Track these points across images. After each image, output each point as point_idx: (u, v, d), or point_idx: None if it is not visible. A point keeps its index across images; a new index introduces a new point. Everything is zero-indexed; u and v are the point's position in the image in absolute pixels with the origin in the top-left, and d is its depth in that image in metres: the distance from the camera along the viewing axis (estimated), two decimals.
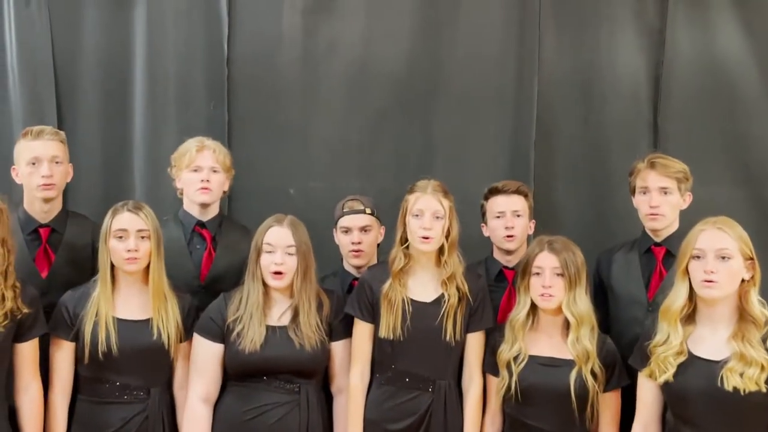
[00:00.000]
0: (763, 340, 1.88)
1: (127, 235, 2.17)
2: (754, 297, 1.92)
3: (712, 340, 1.93)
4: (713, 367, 1.89)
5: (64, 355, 2.18)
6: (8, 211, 2.11)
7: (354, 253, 2.48)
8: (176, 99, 3.00)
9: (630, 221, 2.63)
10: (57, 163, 2.40)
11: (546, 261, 2.13)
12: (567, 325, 2.16)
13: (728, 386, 1.85)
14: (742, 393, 1.84)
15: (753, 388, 1.84)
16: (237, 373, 2.20)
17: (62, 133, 2.49)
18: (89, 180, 2.94)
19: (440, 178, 2.35)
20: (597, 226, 2.92)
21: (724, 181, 2.93)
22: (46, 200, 2.41)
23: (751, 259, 1.93)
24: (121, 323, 2.17)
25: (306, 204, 2.90)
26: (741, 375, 1.85)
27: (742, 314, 1.93)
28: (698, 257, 1.93)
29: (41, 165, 2.36)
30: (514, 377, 2.12)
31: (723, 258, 1.90)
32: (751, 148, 2.97)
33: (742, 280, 1.93)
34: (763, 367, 1.85)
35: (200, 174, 2.48)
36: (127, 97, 3.00)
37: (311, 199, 2.94)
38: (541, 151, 2.98)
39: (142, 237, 2.19)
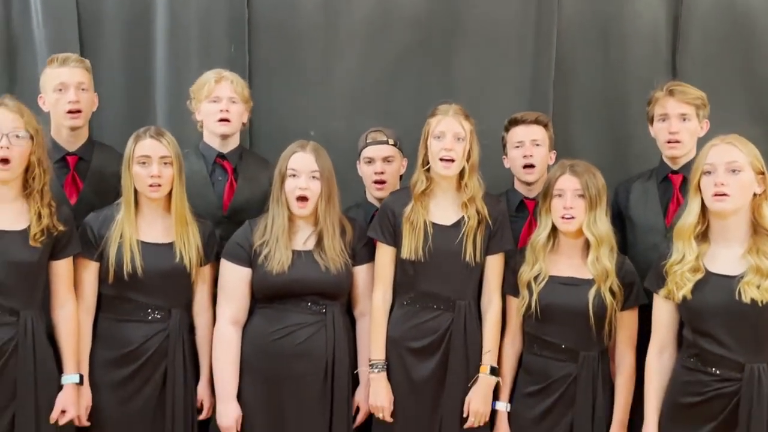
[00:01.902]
0: None
1: (150, 162, 2.22)
2: (767, 210, 1.94)
3: (727, 257, 1.97)
4: (730, 282, 1.93)
5: (88, 274, 2.25)
6: (44, 133, 2.16)
7: (377, 185, 2.53)
8: (198, 41, 3.03)
9: (647, 161, 2.68)
10: (83, 89, 2.45)
11: (567, 183, 2.17)
12: (586, 247, 2.20)
13: (746, 299, 1.89)
14: (760, 304, 1.88)
15: None
16: (265, 296, 2.26)
17: (87, 61, 2.54)
18: (112, 120, 2.98)
19: None
20: (614, 166, 2.89)
21: (742, 121, 2.91)
22: (73, 128, 2.46)
23: (762, 173, 1.96)
24: (144, 246, 2.23)
25: (326, 145, 2.87)
26: (758, 287, 1.89)
27: (756, 229, 1.96)
28: (709, 172, 1.96)
29: (68, 91, 2.42)
30: (535, 296, 2.18)
31: (733, 171, 1.93)
32: None
33: (754, 195, 1.95)
34: None
35: (219, 104, 2.52)
36: (149, 38, 3.04)
37: (332, 140, 2.94)
38: (559, 92, 3.00)
39: (165, 163, 2.23)
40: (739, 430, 1.90)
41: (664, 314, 2.07)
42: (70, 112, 2.42)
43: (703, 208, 1.99)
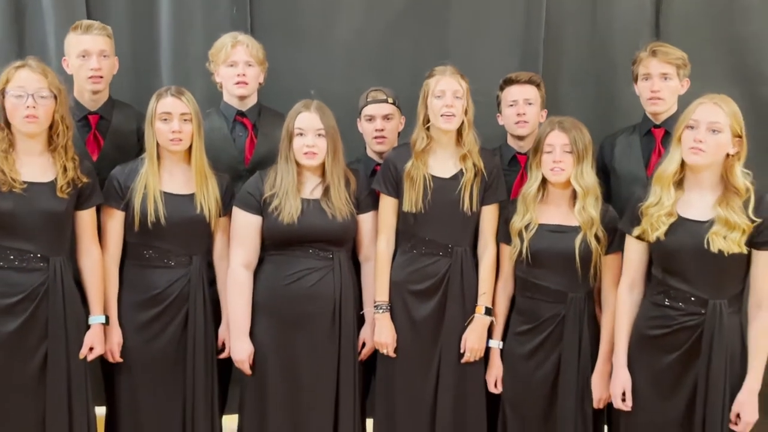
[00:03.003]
0: (745, 207, 2.09)
1: (171, 118, 2.36)
2: (738, 170, 2.11)
3: (699, 204, 2.14)
4: (700, 227, 2.11)
5: (115, 223, 2.40)
6: (66, 91, 2.29)
7: (378, 140, 2.67)
8: (201, 3, 3.12)
9: (632, 117, 2.79)
10: (104, 56, 2.59)
11: (556, 139, 2.32)
12: (573, 197, 2.36)
13: (713, 248, 2.07)
14: (725, 254, 2.07)
15: (735, 250, 2.07)
16: (276, 243, 2.41)
17: (109, 27, 2.66)
18: (118, 79, 3.08)
19: None
20: (601, 121, 3.00)
21: (722, 80, 3.00)
22: (95, 92, 2.60)
23: (740, 137, 2.12)
24: (167, 196, 2.38)
25: (326, 104, 3.03)
26: (725, 238, 2.07)
27: (727, 185, 2.13)
28: (692, 127, 2.11)
29: (90, 58, 2.56)
30: (525, 243, 2.34)
31: (713, 131, 2.09)
32: (749, 49, 3.07)
33: (728, 155, 2.12)
34: (743, 231, 2.07)
35: (236, 68, 2.65)
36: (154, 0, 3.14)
37: (331, 99, 3.04)
38: (549, 52, 3.12)
39: (185, 120, 2.37)
40: (701, 358, 2.10)
41: (634, 253, 2.24)
42: (92, 77, 2.56)
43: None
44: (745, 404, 2.10)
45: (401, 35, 3.16)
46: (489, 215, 2.46)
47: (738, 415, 2.11)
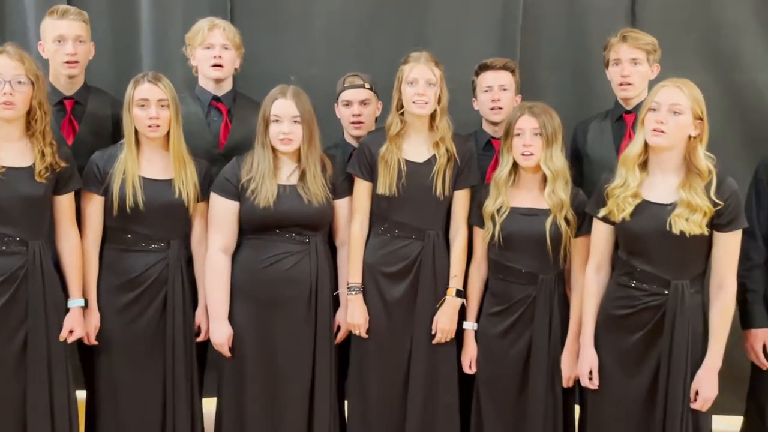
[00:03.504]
0: (707, 189, 2.14)
1: (149, 104, 2.38)
2: (701, 152, 2.16)
3: (662, 186, 2.19)
4: (663, 209, 2.17)
5: (94, 207, 2.43)
6: (44, 77, 2.32)
7: (355, 125, 2.71)
8: None
9: (609, 103, 2.82)
10: (80, 42, 2.60)
11: (526, 123, 2.37)
12: (544, 180, 2.40)
13: (675, 230, 2.13)
14: (687, 236, 2.13)
15: (697, 231, 2.13)
16: (253, 227, 2.45)
17: (85, 13, 2.67)
18: (99, 65, 3.07)
19: None
20: (578, 108, 3.07)
21: (697, 66, 3.07)
22: (71, 77, 2.62)
23: (701, 119, 2.17)
24: (146, 181, 2.41)
25: (306, 89, 3.00)
26: (687, 220, 2.12)
27: (690, 167, 2.18)
28: (654, 109, 2.16)
29: (66, 44, 2.57)
30: (498, 226, 2.39)
31: (675, 113, 2.14)
32: (724, 35, 3.13)
33: (690, 137, 2.16)
34: (705, 213, 2.13)
35: (212, 51, 2.67)
36: None
37: (311, 85, 3.06)
38: (527, 39, 3.16)
39: (162, 106, 2.40)
40: (664, 337, 2.17)
41: (601, 236, 2.29)
42: (67, 62, 2.57)
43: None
44: (704, 381, 2.16)
45: (381, 20, 3.19)
46: (461, 200, 2.50)
47: (697, 392, 2.17)
